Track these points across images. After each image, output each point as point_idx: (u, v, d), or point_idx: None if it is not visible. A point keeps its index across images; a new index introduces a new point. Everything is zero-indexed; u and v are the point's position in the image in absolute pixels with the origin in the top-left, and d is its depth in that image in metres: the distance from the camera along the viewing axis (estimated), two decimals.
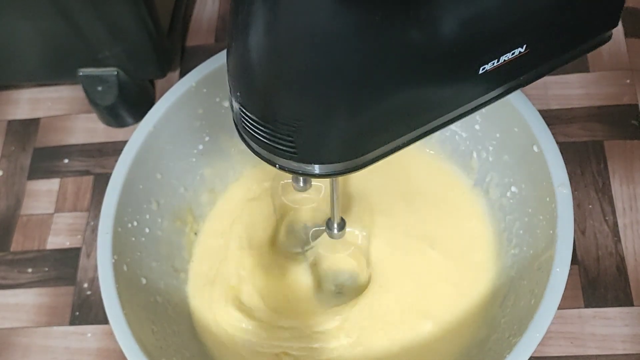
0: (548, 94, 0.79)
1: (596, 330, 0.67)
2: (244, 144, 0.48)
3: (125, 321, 0.58)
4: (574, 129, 0.76)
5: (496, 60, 0.44)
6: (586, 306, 0.68)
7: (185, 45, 0.91)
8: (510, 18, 0.43)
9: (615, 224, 0.71)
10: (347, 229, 0.64)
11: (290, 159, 0.45)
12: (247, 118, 0.44)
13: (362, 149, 0.45)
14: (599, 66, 0.80)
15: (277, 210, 0.72)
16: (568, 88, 0.79)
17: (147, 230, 0.67)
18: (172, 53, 0.84)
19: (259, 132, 0.44)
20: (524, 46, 0.45)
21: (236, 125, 0.47)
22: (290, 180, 0.66)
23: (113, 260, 0.61)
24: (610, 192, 0.73)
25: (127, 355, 0.57)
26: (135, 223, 0.65)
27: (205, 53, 0.87)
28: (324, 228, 0.65)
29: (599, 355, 0.65)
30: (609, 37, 0.50)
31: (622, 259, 0.69)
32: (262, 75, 0.41)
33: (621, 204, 0.72)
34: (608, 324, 0.67)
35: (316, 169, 0.46)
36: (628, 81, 0.78)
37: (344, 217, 0.63)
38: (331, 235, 0.64)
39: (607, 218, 0.72)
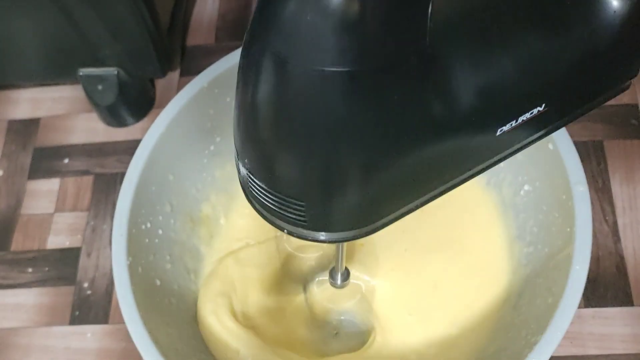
0: None
1: (596, 330, 0.67)
2: (251, 206, 0.46)
3: (142, 323, 0.58)
4: (574, 129, 0.76)
5: (514, 121, 0.43)
6: (586, 306, 0.68)
7: (185, 45, 0.90)
8: (529, 80, 0.42)
9: (615, 224, 0.72)
10: (351, 280, 0.64)
11: (299, 227, 0.44)
12: (254, 185, 0.43)
13: (375, 216, 0.43)
14: None
15: (280, 254, 0.71)
16: None
17: (160, 231, 0.67)
18: (172, 52, 0.84)
19: (268, 199, 0.43)
20: (543, 105, 0.44)
21: (243, 189, 0.46)
22: None
23: (128, 262, 0.61)
24: (610, 191, 0.73)
25: (144, 357, 0.57)
26: (148, 225, 0.65)
27: (205, 53, 0.88)
28: (326, 278, 0.64)
29: (599, 355, 0.66)
30: (628, 86, 0.48)
31: (622, 259, 0.70)
32: (271, 147, 0.40)
33: (621, 203, 0.73)
34: (608, 324, 0.67)
35: (326, 236, 0.44)
36: None
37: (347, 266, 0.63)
38: (334, 285, 0.63)
39: (607, 218, 0.72)
